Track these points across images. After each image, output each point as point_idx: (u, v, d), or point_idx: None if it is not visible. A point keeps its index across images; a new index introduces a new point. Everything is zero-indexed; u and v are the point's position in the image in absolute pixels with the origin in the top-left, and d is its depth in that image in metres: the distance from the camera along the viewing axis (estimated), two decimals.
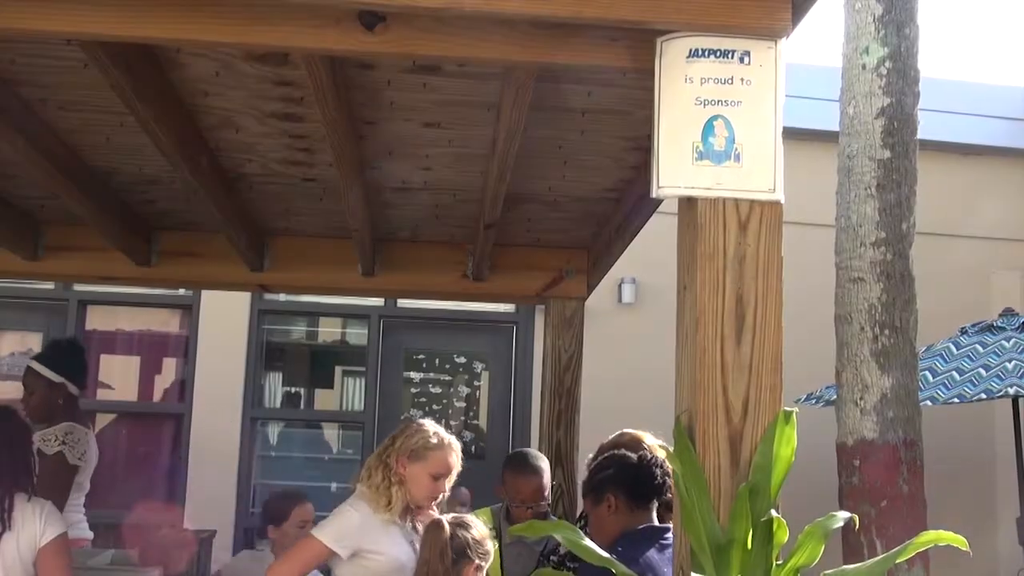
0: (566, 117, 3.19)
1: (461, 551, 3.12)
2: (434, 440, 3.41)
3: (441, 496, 3.50)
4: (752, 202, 2.17)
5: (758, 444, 2.07)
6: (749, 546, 1.96)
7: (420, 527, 3.38)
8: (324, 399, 8.58)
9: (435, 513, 3.50)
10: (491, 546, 3.27)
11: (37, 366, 4.47)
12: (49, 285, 7.54)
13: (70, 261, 4.69)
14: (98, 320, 7.81)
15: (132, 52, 2.66)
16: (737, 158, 2.18)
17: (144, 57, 2.75)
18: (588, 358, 4.77)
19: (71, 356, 4.60)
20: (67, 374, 4.47)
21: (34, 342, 7.78)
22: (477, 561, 3.17)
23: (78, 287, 7.50)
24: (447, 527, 3.15)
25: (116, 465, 4.73)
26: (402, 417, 7.62)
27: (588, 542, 2.14)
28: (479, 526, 3.24)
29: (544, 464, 4.05)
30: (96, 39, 2.42)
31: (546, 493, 3.98)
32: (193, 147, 3.36)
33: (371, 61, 2.79)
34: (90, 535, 4.50)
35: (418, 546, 3.42)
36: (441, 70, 2.87)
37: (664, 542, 3.11)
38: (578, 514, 4.04)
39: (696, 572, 1.97)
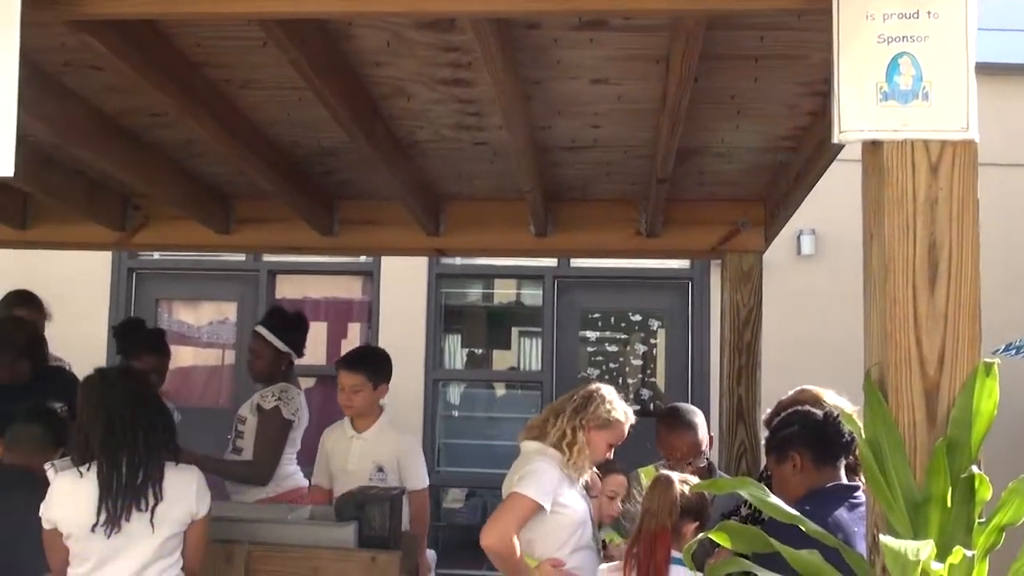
0: (738, 65, 3.09)
1: (688, 509, 3.18)
2: (620, 413, 3.60)
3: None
4: (943, 142, 2.06)
5: (956, 398, 1.97)
6: (948, 504, 1.87)
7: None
8: (502, 359, 8.72)
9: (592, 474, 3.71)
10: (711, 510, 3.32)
11: (267, 334, 4.88)
12: (241, 256, 7.94)
13: (259, 233, 4.94)
14: (287, 288, 8.18)
15: (307, 27, 2.74)
16: (925, 97, 2.06)
17: (318, 32, 2.84)
18: (766, 312, 4.65)
19: (297, 328, 4.98)
20: (292, 344, 4.87)
21: (229, 311, 8.23)
22: (699, 522, 3.20)
23: (267, 257, 7.87)
24: (676, 484, 3.19)
25: (311, 426, 4.99)
26: (579, 376, 7.66)
27: (775, 499, 2.09)
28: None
29: (698, 419, 3.96)
30: (273, 17, 2.51)
31: (703, 448, 3.90)
32: (368, 117, 3.45)
33: (537, 20, 2.78)
34: (305, 483, 4.83)
35: (588, 500, 3.62)
36: (607, 24, 2.82)
37: (854, 501, 3.00)
38: (760, 471, 3.95)
39: (890, 531, 1.90)
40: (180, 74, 3.12)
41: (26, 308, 5.02)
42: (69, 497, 3.17)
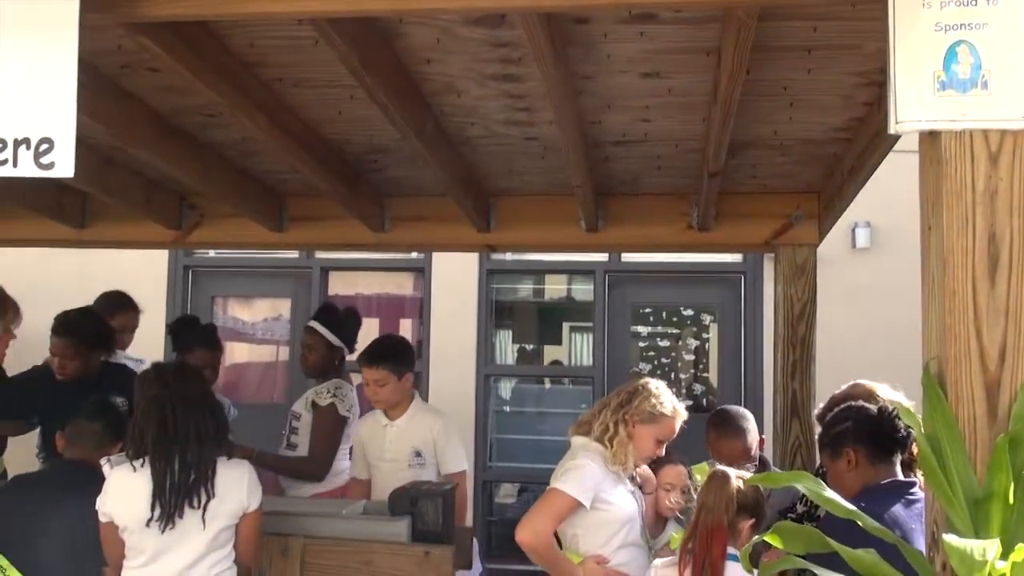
0: (791, 56, 3.06)
1: (744, 505, 3.15)
2: (669, 408, 3.54)
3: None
4: (1003, 132, 2.02)
5: (1017, 392, 1.93)
6: (1011, 500, 1.83)
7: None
8: (553, 355, 8.71)
9: (644, 471, 3.67)
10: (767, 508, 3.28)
11: (321, 329, 4.95)
12: (294, 254, 8.02)
13: (312, 230, 4.99)
14: (339, 285, 8.24)
15: (358, 26, 2.76)
16: (985, 85, 2.02)
17: (369, 30, 2.86)
18: (820, 306, 4.59)
19: (351, 324, 5.05)
20: (345, 339, 4.93)
21: (283, 308, 8.32)
22: (755, 518, 3.17)
23: (320, 254, 7.94)
24: (733, 480, 3.17)
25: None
26: (631, 371, 7.63)
27: (831, 493, 2.07)
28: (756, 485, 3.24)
29: (748, 423, 3.91)
30: (324, 16, 2.53)
31: (752, 452, 3.85)
32: (419, 114, 3.47)
33: (586, 15, 2.77)
34: None
35: (638, 497, 3.58)
36: (657, 17, 2.81)
37: (911, 497, 2.96)
38: (816, 468, 3.91)
39: (951, 529, 1.87)
40: (234, 74, 3.16)
41: (125, 310, 5.16)
42: (124, 491, 3.24)
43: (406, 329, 8.29)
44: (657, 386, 3.58)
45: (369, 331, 8.30)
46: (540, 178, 4.47)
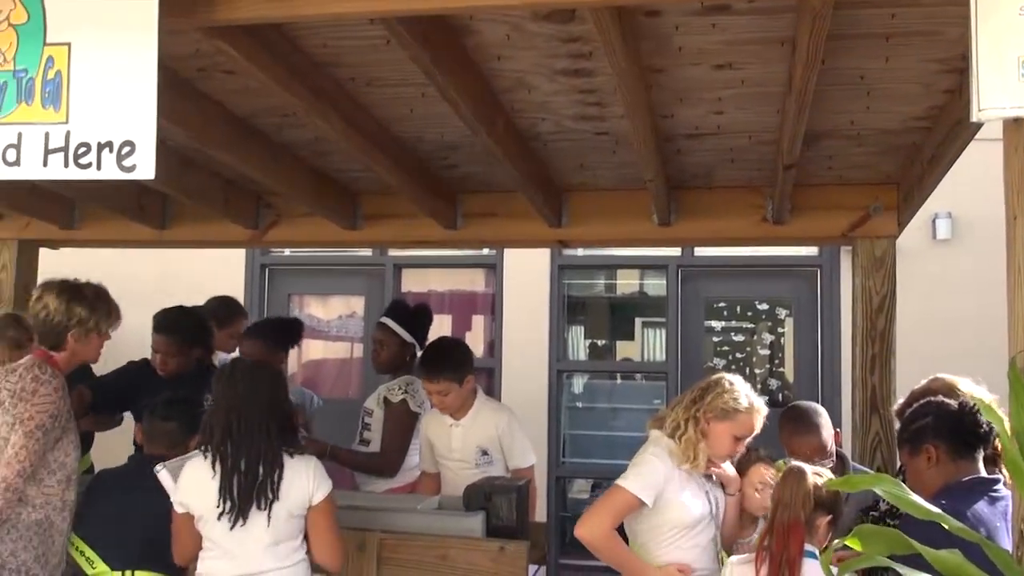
0: (868, 44, 2.99)
1: (821, 502, 3.09)
2: (744, 403, 3.41)
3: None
4: None
5: None
6: None
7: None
8: (626, 350, 8.67)
9: (727, 469, 3.54)
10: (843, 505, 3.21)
11: (393, 325, 4.99)
12: (367, 251, 8.10)
13: (385, 228, 5.04)
14: (412, 282, 8.31)
15: (428, 24, 2.78)
16: None
17: (439, 28, 2.87)
18: (900, 299, 4.50)
19: (421, 320, 5.09)
20: (417, 336, 4.97)
21: (357, 306, 8.42)
22: (832, 515, 3.12)
23: (393, 252, 8.01)
24: (809, 476, 3.11)
25: None
26: (705, 367, 7.56)
27: (913, 495, 2.03)
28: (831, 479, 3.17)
29: (822, 419, 3.82)
30: (395, 15, 2.55)
31: (828, 448, 3.77)
32: (490, 110, 3.48)
33: (657, 7, 2.75)
34: None
35: (713, 498, 3.47)
36: (730, 8, 2.77)
37: (994, 494, 2.89)
38: (898, 466, 3.82)
39: None
40: (307, 75, 3.20)
41: (238, 316, 5.30)
42: (197, 483, 3.33)
43: (478, 326, 8.33)
44: (732, 381, 3.46)
45: (441, 328, 8.40)
46: (611, 173, 4.45)
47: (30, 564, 3.46)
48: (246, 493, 3.25)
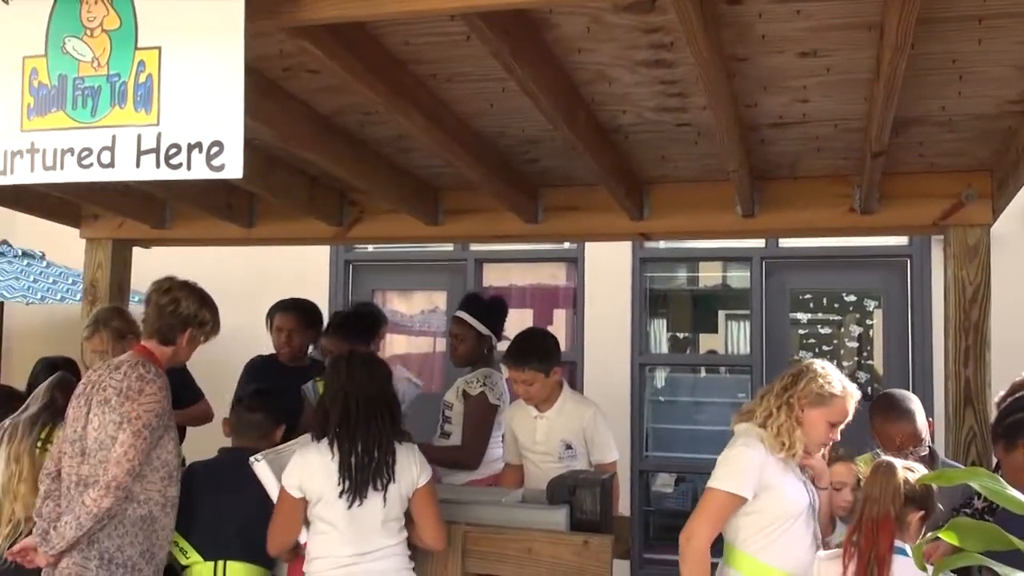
0: (959, 27, 2.90)
1: (912, 497, 3.03)
2: (838, 387, 3.31)
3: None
4: None
5: None
6: None
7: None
8: (709, 343, 8.58)
9: (817, 463, 3.44)
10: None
11: (468, 318, 5.05)
12: (449, 246, 8.16)
13: (466, 223, 5.07)
14: (493, 276, 8.34)
15: (508, 18, 2.78)
16: None
17: (519, 22, 2.87)
18: (995, 289, 4.36)
19: (497, 312, 5.14)
20: (493, 328, 5.02)
21: (439, 300, 8.49)
22: (924, 511, 3.05)
23: (474, 246, 8.05)
24: (899, 470, 3.05)
25: None
26: (791, 359, 7.44)
27: (1012, 490, 1.96)
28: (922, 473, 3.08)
29: (915, 405, 3.72)
30: (476, 10, 2.56)
31: (922, 436, 3.66)
32: (570, 104, 3.47)
33: None
34: None
35: (811, 489, 3.37)
36: None
37: None
38: (995, 462, 3.71)
39: None
40: (389, 72, 3.23)
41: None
42: (313, 466, 3.52)
43: (559, 319, 8.32)
44: (823, 366, 3.37)
45: (523, 322, 8.43)
46: (693, 164, 4.41)
47: (136, 559, 3.57)
48: (364, 474, 3.47)
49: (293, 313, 5.39)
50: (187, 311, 3.79)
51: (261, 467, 3.67)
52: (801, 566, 3.23)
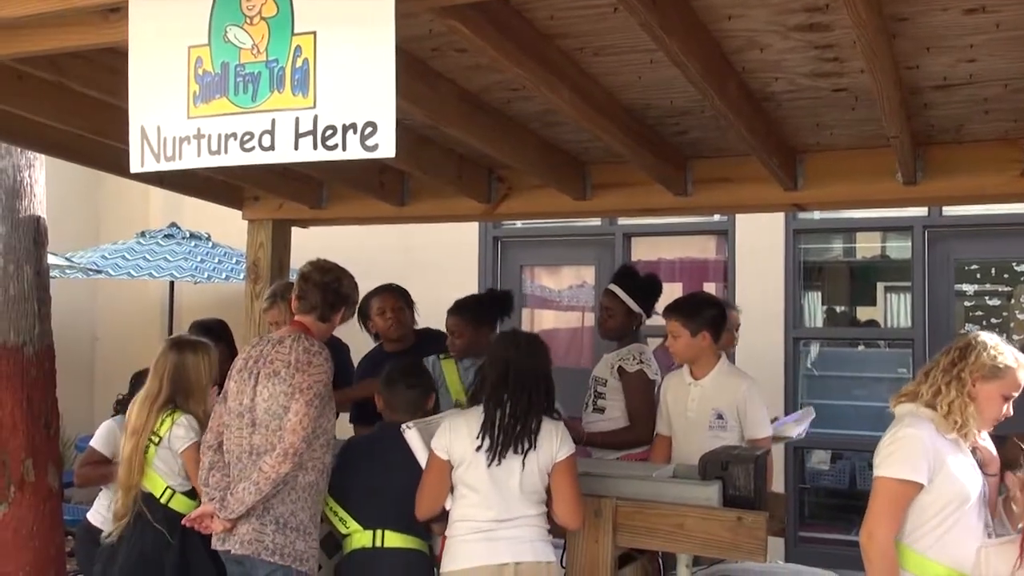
0: None
1: None
2: (1011, 359, 3.15)
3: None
4: None
5: None
6: None
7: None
8: (867, 316, 8.30)
9: (985, 448, 3.23)
10: None
11: (621, 293, 5.04)
12: (597, 221, 8.13)
13: (615, 197, 5.04)
14: (642, 251, 8.27)
15: None
16: None
17: None
18: None
19: (651, 292, 5.11)
20: (644, 306, 5.01)
21: (587, 275, 8.48)
22: None
23: (622, 221, 7.99)
24: None
25: None
26: (959, 332, 7.11)
27: None
28: None
29: None
30: None
31: None
32: (720, 73, 3.39)
33: None
34: None
35: (982, 475, 3.17)
36: None
37: None
38: None
39: None
40: (536, 47, 3.23)
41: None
42: (458, 428, 3.63)
43: (710, 293, 8.20)
44: (991, 337, 3.20)
45: (674, 295, 8.34)
46: (850, 131, 4.25)
47: (307, 523, 3.75)
48: (507, 436, 3.54)
49: (391, 293, 5.45)
50: (346, 291, 3.96)
51: (412, 434, 3.81)
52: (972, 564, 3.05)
